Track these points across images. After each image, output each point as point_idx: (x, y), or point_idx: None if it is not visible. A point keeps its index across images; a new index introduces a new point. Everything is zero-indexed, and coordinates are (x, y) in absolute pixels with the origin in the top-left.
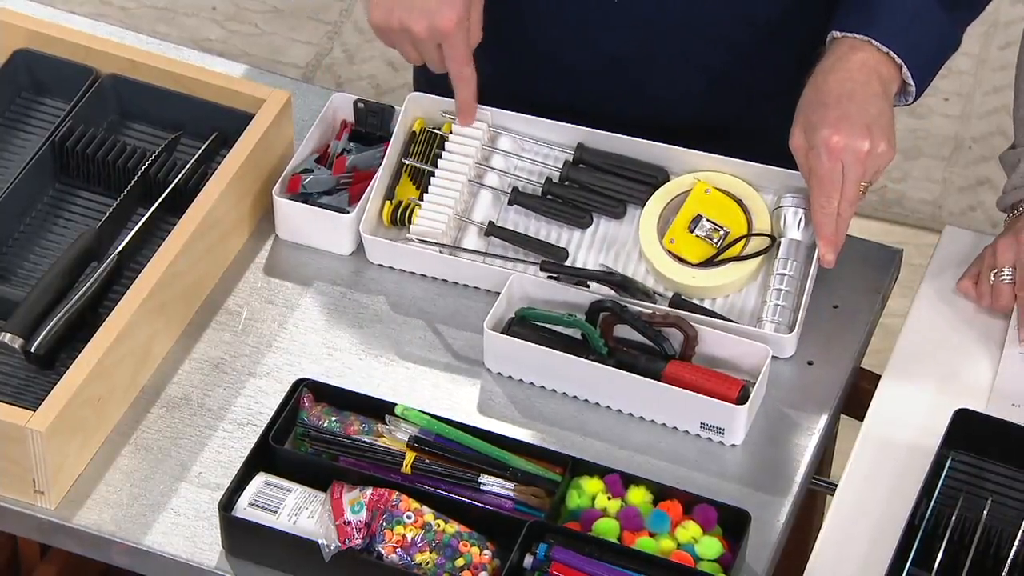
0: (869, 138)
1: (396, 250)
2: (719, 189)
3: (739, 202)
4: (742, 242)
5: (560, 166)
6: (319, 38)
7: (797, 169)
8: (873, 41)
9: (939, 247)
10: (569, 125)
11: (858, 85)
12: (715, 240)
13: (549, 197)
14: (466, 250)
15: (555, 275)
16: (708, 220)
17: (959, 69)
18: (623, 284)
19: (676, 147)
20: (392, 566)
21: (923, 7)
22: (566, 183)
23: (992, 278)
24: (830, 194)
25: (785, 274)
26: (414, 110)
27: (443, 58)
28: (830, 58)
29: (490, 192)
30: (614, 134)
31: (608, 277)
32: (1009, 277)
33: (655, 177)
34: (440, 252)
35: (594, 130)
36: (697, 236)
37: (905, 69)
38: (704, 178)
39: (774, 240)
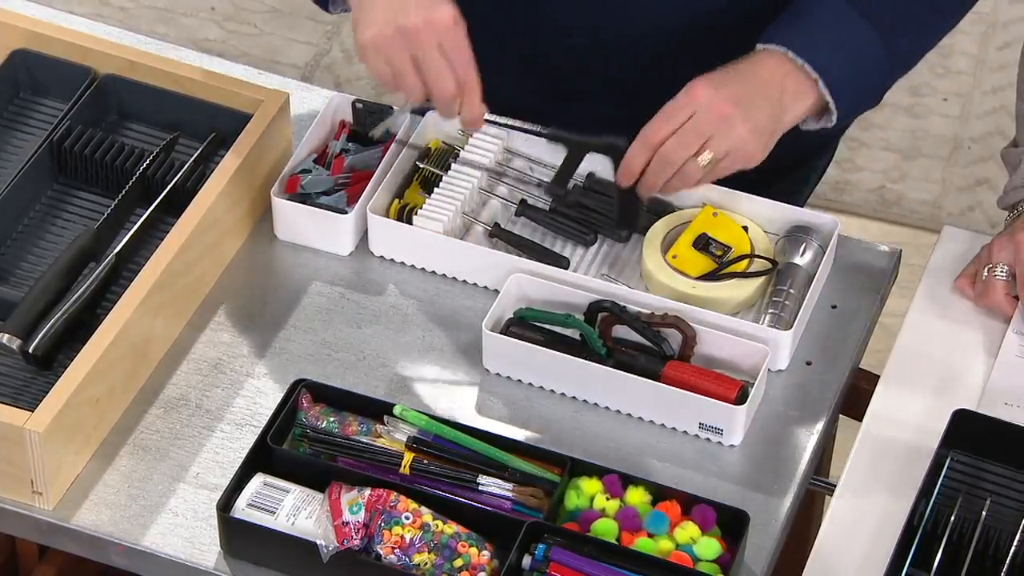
0: (735, 108)
1: (400, 237)
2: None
3: (744, 229)
4: (745, 261)
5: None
6: (318, 38)
7: (809, 190)
8: (788, 52)
9: (938, 247)
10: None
11: (758, 81)
12: (718, 256)
13: (557, 213)
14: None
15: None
16: (713, 239)
17: (958, 69)
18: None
19: None
20: (390, 567)
21: (849, 28)
22: (575, 205)
23: (986, 273)
24: (660, 126)
25: (784, 289)
26: (432, 127)
27: (446, 66)
28: (743, 59)
29: (498, 202)
30: None
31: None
32: (1002, 274)
33: (663, 211)
34: (445, 234)
35: (607, 158)
36: (700, 252)
37: (822, 84)
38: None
39: (775, 264)
